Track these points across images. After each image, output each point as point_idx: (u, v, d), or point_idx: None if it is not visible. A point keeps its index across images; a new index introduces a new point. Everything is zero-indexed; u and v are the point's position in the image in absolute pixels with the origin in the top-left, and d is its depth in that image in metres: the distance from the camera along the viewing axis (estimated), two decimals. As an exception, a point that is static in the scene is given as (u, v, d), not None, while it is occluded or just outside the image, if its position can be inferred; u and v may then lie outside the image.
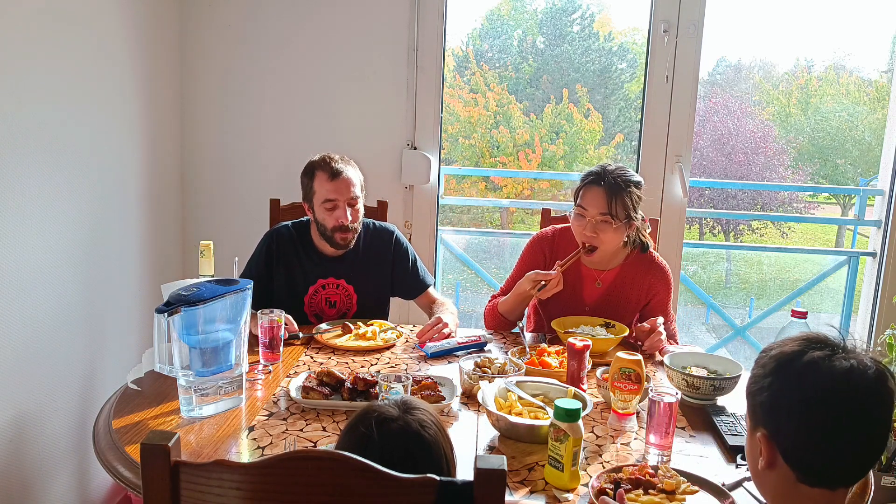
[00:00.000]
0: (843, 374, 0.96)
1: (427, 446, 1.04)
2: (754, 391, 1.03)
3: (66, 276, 2.25)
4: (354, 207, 2.17)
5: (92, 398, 2.39)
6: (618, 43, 8.27)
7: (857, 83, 9.48)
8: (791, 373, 0.99)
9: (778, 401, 1.00)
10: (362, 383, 1.65)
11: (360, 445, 1.02)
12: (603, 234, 2.09)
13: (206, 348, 1.55)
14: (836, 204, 10.21)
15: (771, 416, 1.00)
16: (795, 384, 0.98)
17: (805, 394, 0.97)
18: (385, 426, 1.03)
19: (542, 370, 1.82)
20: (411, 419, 1.05)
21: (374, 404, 1.09)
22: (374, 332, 2.07)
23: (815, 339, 1.01)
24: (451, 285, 6.89)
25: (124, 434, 1.48)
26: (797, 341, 1.02)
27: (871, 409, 0.97)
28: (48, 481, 2.23)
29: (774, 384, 1.00)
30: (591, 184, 2.09)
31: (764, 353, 1.05)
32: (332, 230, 2.16)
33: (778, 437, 1.00)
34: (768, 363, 1.02)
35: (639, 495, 1.25)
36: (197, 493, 0.98)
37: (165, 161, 2.91)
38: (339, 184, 2.14)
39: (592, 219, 2.08)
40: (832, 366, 0.97)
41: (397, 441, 1.03)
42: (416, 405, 1.08)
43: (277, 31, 2.92)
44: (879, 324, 2.96)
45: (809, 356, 0.98)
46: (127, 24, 2.54)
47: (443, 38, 2.90)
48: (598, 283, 2.21)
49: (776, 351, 1.02)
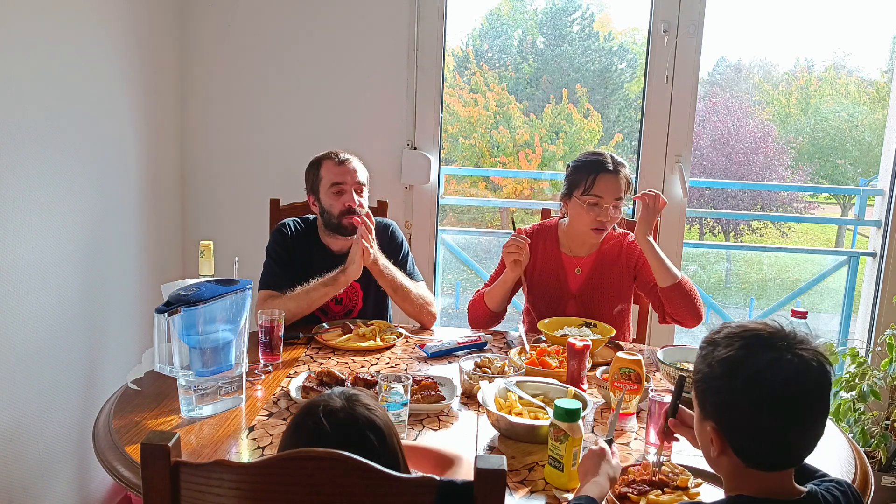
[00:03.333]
0: (790, 377, 1.00)
1: (379, 429, 1.03)
2: (703, 388, 1.07)
3: (66, 276, 2.25)
4: (361, 195, 2.19)
5: (92, 398, 2.39)
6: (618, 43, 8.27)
7: (857, 83, 9.48)
8: (739, 378, 1.02)
9: (727, 402, 1.04)
10: (362, 383, 1.65)
11: (313, 439, 1.00)
12: (613, 217, 2.17)
13: (206, 348, 1.55)
14: (836, 204, 10.21)
15: (721, 415, 1.05)
16: (744, 390, 1.02)
17: (754, 400, 1.01)
18: (334, 416, 1.02)
19: (542, 370, 1.82)
20: (358, 406, 1.04)
21: (315, 399, 1.06)
22: (373, 331, 2.08)
23: (759, 339, 1.03)
24: (450, 285, 6.89)
25: (124, 434, 1.48)
26: (741, 341, 1.04)
27: (814, 402, 1.02)
28: (48, 481, 2.23)
29: (724, 388, 1.03)
30: (603, 173, 2.14)
31: (710, 345, 1.07)
32: (339, 215, 2.17)
33: (728, 434, 1.04)
34: (715, 366, 1.04)
35: (658, 496, 1.25)
36: (197, 493, 0.98)
37: (165, 161, 2.90)
38: (346, 168, 2.18)
39: (608, 205, 2.14)
40: (779, 369, 1.00)
41: (351, 428, 1.01)
42: (357, 393, 1.07)
43: (277, 31, 2.93)
44: (879, 324, 2.96)
45: (756, 362, 1.01)
46: (127, 24, 2.54)
47: (443, 38, 2.90)
48: (578, 269, 2.26)
49: (723, 352, 1.04)
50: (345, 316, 2.26)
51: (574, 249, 2.27)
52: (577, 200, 2.17)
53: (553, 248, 2.28)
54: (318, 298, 2.10)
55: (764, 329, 1.05)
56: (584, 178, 2.15)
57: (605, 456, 1.24)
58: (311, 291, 2.09)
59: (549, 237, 2.30)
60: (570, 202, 2.20)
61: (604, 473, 1.21)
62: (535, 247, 2.27)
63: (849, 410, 2.71)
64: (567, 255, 2.27)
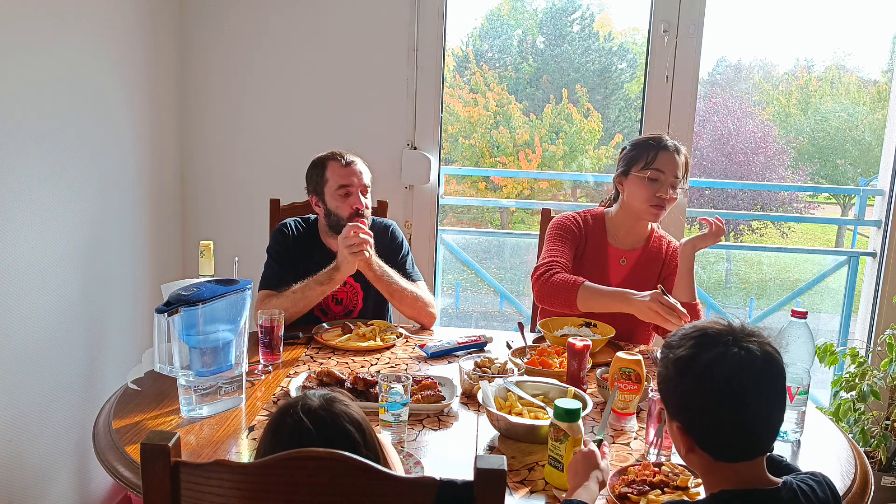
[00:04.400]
0: (734, 371, 1.04)
1: (359, 424, 1.03)
2: (663, 389, 1.13)
3: (66, 276, 2.25)
4: (366, 196, 2.19)
5: (92, 398, 2.39)
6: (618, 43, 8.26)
7: (857, 83, 9.46)
8: (690, 378, 1.07)
9: (684, 401, 1.09)
10: (362, 383, 1.65)
11: (294, 438, 0.99)
12: (671, 197, 2.14)
13: (206, 348, 1.55)
14: (836, 204, 10.20)
15: (681, 414, 1.10)
16: (696, 388, 1.07)
17: (706, 396, 1.06)
18: (314, 414, 1.01)
19: (542, 370, 1.82)
20: (336, 403, 1.04)
21: (289, 400, 1.06)
22: (373, 332, 2.08)
23: (705, 336, 1.08)
24: (450, 285, 6.89)
25: (124, 434, 1.48)
26: (691, 340, 1.09)
27: (764, 391, 1.06)
28: (48, 481, 2.23)
29: (679, 387, 1.09)
30: (663, 149, 2.12)
31: (667, 348, 1.12)
32: (347, 218, 2.15)
33: (691, 431, 1.09)
34: (670, 367, 1.10)
35: (658, 495, 1.25)
36: (197, 493, 0.98)
37: (165, 161, 2.90)
38: (352, 171, 2.17)
39: (667, 181, 2.11)
40: (724, 365, 1.05)
41: (333, 424, 1.01)
42: (333, 393, 1.07)
43: (277, 31, 2.93)
44: (879, 324, 2.96)
45: (703, 358, 1.06)
46: (127, 24, 2.54)
47: (443, 38, 2.90)
48: (623, 260, 2.22)
49: (673, 354, 1.10)
50: (345, 316, 2.26)
51: (620, 240, 2.23)
52: (635, 177, 2.13)
53: (601, 235, 2.23)
54: (314, 296, 2.10)
55: (712, 326, 1.09)
56: (645, 154, 2.12)
57: (594, 458, 1.26)
58: (307, 290, 2.09)
59: (598, 224, 2.24)
60: (628, 179, 2.15)
61: (593, 477, 1.23)
62: (585, 234, 2.23)
63: (849, 410, 2.71)
64: (613, 245, 2.23)
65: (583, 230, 2.22)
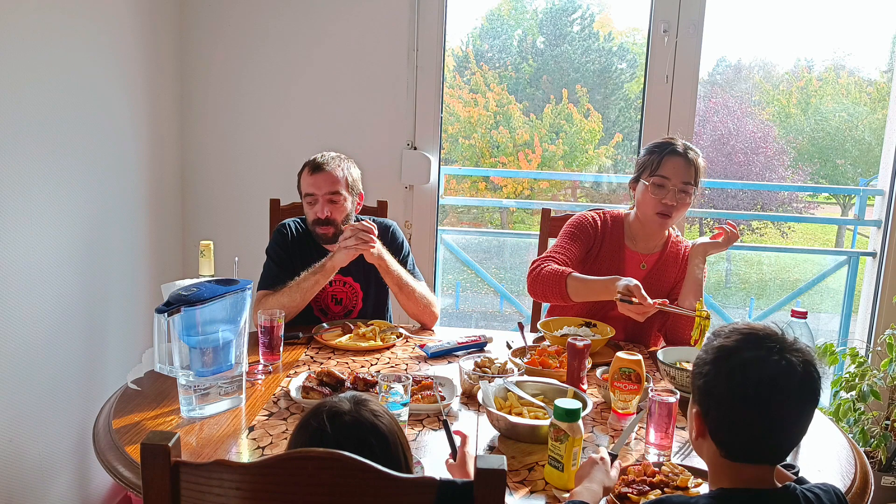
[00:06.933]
0: (769, 378, 1.04)
1: (383, 436, 1.03)
2: (696, 372, 1.13)
3: (66, 276, 2.25)
4: (336, 203, 2.17)
5: (92, 398, 2.39)
6: (618, 43, 8.26)
7: (857, 83, 9.46)
8: (724, 368, 1.07)
9: (710, 389, 1.09)
10: (362, 383, 1.66)
11: (314, 441, 1.01)
12: (681, 203, 2.09)
13: (206, 348, 1.55)
14: (836, 204, 10.20)
15: (703, 400, 1.10)
16: (725, 379, 1.07)
17: (732, 390, 1.06)
18: (337, 419, 1.02)
19: (542, 370, 1.82)
20: (364, 410, 1.04)
21: (326, 400, 1.07)
22: (373, 332, 2.08)
23: (754, 336, 1.08)
24: (451, 285, 6.88)
25: (124, 434, 1.48)
26: (739, 335, 1.09)
27: (792, 406, 1.06)
28: (48, 481, 2.23)
29: (710, 373, 1.09)
30: (671, 154, 2.09)
31: (714, 336, 1.13)
32: (311, 224, 2.19)
33: (706, 418, 1.10)
34: (710, 352, 1.10)
35: (658, 496, 1.25)
36: (197, 493, 0.98)
37: (165, 161, 2.90)
38: (318, 179, 2.16)
39: (674, 188, 2.08)
40: (762, 368, 1.04)
41: (351, 432, 1.02)
42: (367, 398, 1.07)
43: (277, 31, 2.93)
44: (879, 324, 2.96)
45: (743, 355, 1.06)
46: (127, 24, 2.54)
47: (443, 38, 2.90)
48: (643, 265, 2.19)
49: (719, 341, 1.10)
50: (345, 316, 2.26)
51: (638, 244, 2.20)
52: (643, 183, 2.11)
53: (618, 239, 2.21)
54: (309, 288, 2.10)
55: (762, 329, 1.09)
56: (652, 160, 2.10)
57: (605, 466, 1.27)
58: (302, 282, 2.10)
59: (616, 227, 2.21)
60: (638, 186, 2.14)
61: (599, 481, 1.23)
62: (601, 235, 2.20)
63: (849, 410, 2.71)
64: (631, 248, 2.20)
65: (599, 231, 2.20)
